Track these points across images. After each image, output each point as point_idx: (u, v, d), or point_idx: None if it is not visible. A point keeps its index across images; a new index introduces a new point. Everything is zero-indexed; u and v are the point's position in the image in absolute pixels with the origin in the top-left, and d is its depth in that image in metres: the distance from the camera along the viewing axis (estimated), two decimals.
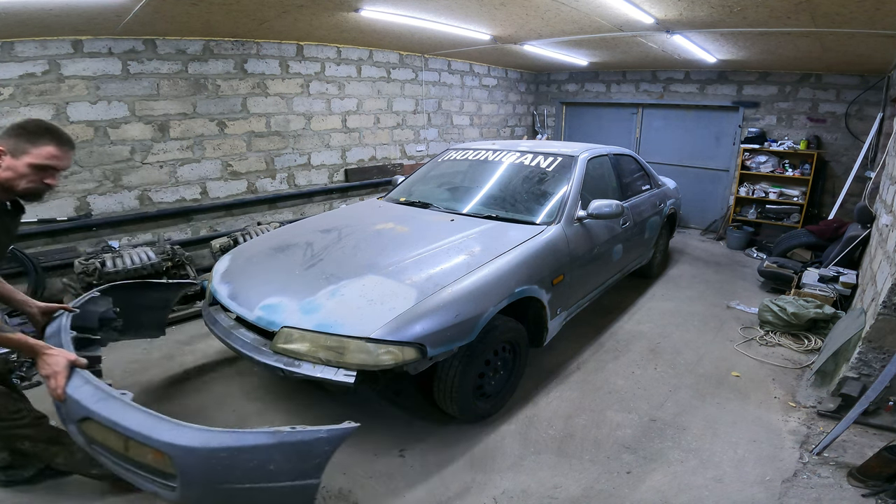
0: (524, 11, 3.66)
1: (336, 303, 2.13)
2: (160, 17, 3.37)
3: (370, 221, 3.06)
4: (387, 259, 2.46)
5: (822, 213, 5.91)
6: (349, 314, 2.05)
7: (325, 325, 2.00)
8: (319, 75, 5.15)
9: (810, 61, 5.13)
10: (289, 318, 2.09)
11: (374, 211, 3.35)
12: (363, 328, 1.95)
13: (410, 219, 3.09)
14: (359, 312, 2.05)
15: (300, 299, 2.19)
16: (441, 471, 2.20)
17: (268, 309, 2.19)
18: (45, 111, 3.56)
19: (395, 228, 2.90)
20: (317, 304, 2.13)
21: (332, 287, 2.23)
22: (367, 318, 2.00)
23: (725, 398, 2.82)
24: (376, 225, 2.98)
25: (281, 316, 2.12)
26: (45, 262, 3.68)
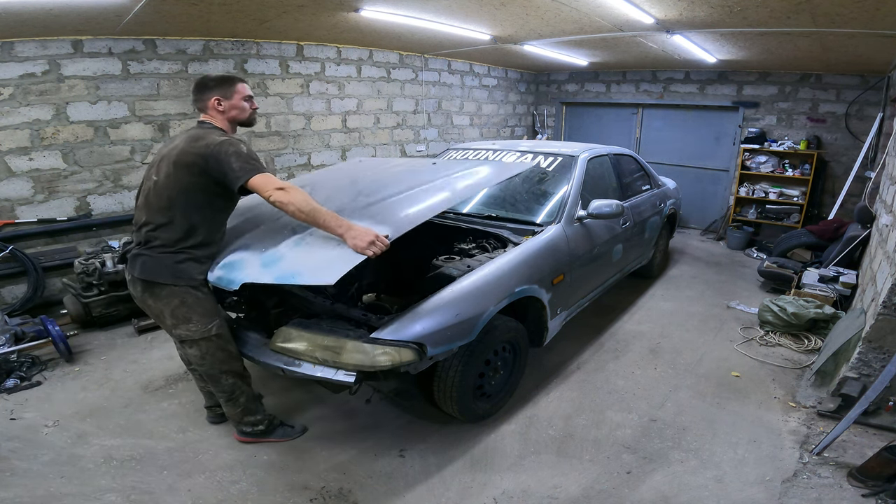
0: (524, 11, 3.66)
1: (299, 252, 1.98)
2: (160, 17, 3.37)
3: (346, 174, 2.93)
4: (361, 202, 2.30)
5: (822, 213, 5.91)
6: (311, 263, 1.90)
7: (284, 277, 1.87)
8: (319, 75, 5.15)
9: (810, 61, 5.13)
10: (248, 273, 1.93)
11: (352, 165, 3.23)
12: (323, 276, 1.79)
13: (389, 167, 2.97)
14: (322, 260, 1.88)
15: (262, 252, 2.04)
16: (441, 471, 2.20)
17: (227, 267, 2.02)
18: (45, 111, 3.56)
19: (372, 175, 2.76)
20: (278, 255, 1.98)
21: (297, 236, 2.07)
22: (330, 265, 1.81)
23: (725, 398, 2.82)
24: (352, 175, 2.84)
25: (241, 273, 1.95)
26: (45, 262, 3.68)
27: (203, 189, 1.93)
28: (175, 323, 2.02)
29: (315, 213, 1.85)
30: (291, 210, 1.82)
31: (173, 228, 1.94)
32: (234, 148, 1.87)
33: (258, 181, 1.84)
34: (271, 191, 1.82)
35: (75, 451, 2.29)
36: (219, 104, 2.01)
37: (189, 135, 1.96)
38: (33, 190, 3.61)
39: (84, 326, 3.52)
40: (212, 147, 1.86)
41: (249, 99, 2.08)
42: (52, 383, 2.88)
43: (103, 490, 2.05)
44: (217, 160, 1.85)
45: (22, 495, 2.00)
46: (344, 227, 1.85)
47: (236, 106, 2.03)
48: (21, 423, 2.50)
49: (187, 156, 1.89)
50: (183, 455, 2.28)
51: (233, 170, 1.84)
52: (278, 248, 2.02)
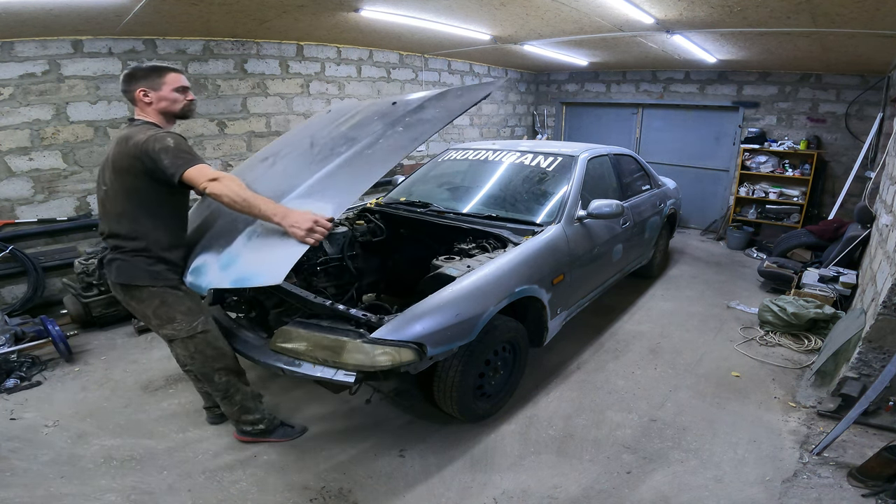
0: (524, 11, 3.66)
1: (251, 248, 1.90)
2: (160, 17, 3.37)
3: (309, 133, 2.72)
4: (313, 172, 2.16)
5: (822, 213, 5.91)
6: (260, 261, 1.83)
7: (240, 280, 1.81)
8: (319, 75, 5.15)
9: (810, 61, 5.13)
10: (211, 278, 1.90)
11: (318, 120, 2.98)
12: (269, 276, 1.73)
13: (348, 117, 2.71)
14: (269, 257, 1.81)
15: (221, 252, 1.96)
16: (441, 471, 2.20)
17: (195, 272, 1.98)
18: (45, 111, 3.56)
19: (329, 132, 2.56)
20: (234, 255, 1.91)
21: (249, 229, 1.96)
22: (275, 262, 1.76)
23: (725, 398, 2.82)
24: (312, 134, 2.65)
25: (206, 278, 1.92)
26: (45, 262, 3.68)
27: (149, 191, 1.86)
28: (160, 323, 2.00)
29: (249, 203, 1.76)
30: (226, 202, 1.77)
31: (136, 235, 1.89)
32: (160, 143, 1.78)
33: (191, 175, 1.77)
34: (205, 183, 1.76)
35: (75, 451, 2.29)
36: (145, 95, 1.90)
37: (120, 136, 1.88)
38: (33, 190, 3.61)
39: (84, 326, 3.52)
40: (140, 146, 1.78)
41: (184, 90, 1.97)
42: (52, 383, 2.88)
43: (103, 490, 2.05)
44: (149, 158, 1.77)
45: (22, 495, 2.00)
46: (279, 213, 1.76)
47: (165, 97, 1.92)
48: (21, 423, 2.50)
49: (122, 159, 1.82)
50: (183, 455, 2.28)
51: (165, 166, 1.77)
52: (234, 245, 1.95)
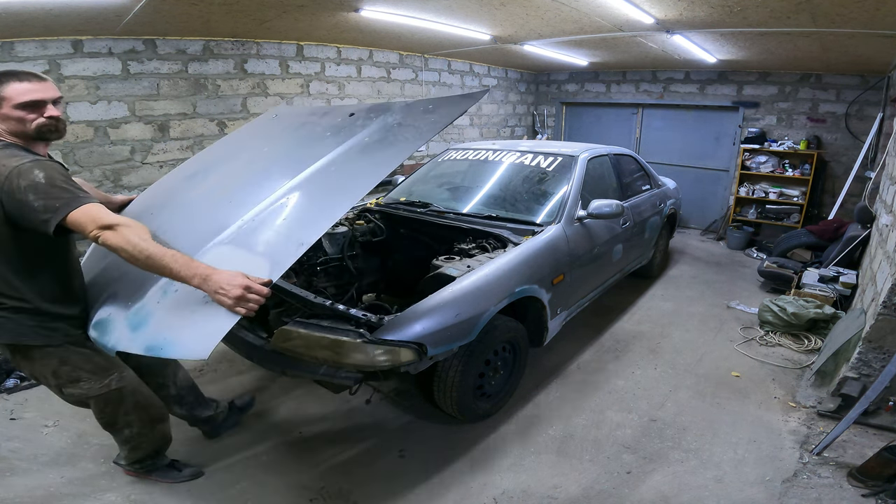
0: (524, 11, 3.66)
1: (167, 308, 1.52)
2: (160, 17, 3.37)
3: (249, 145, 2.38)
4: (245, 206, 1.80)
5: (822, 213, 5.91)
6: (182, 325, 1.46)
7: (154, 348, 1.43)
8: (319, 75, 5.15)
9: (810, 61, 5.13)
10: (118, 337, 1.53)
11: (261, 128, 2.61)
12: (191, 348, 1.40)
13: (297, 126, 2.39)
14: (192, 321, 1.44)
15: (129, 306, 1.59)
16: (441, 471, 2.20)
17: (99, 328, 1.62)
18: None
19: (274, 147, 2.28)
20: (145, 313, 1.54)
21: (163, 282, 1.57)
22: (199, 332, 1.40)
23: (725, 398, 2.82)
24: (253, 148, 2.29)
25: (111, 337, 1.55)
26: None
27: (17, 240, 1.47)
28: (61, 384, 1.68)
29: (155, 261, 1.38)
30: (126, 257, 1.39)
31: (10, 292, 1.52)
32: (25, 179, 1.37)
33: (76, 219, 1.38)
34: (95, 231, 1.38)
35: (75, 451, 2.29)
36: None
37: None
38: None
39: None
40: (3, 187, 1.37)
41: (35, 106, 1.48)
42: None
43: (103, 490, 2.05)
44: (12, 200, 1.37)
45: (22, 495, 2.00)
46: (199, 275, 1.37)
47: (9, 117, 1.46)
48: (21, 423, 2.50)
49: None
50: (183, 455, 2.28)
51: (35, 210, 1.37)
52: (145, 301, 1.56)
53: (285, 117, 2.51)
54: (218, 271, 1.38)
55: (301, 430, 2.49)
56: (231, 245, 1.65)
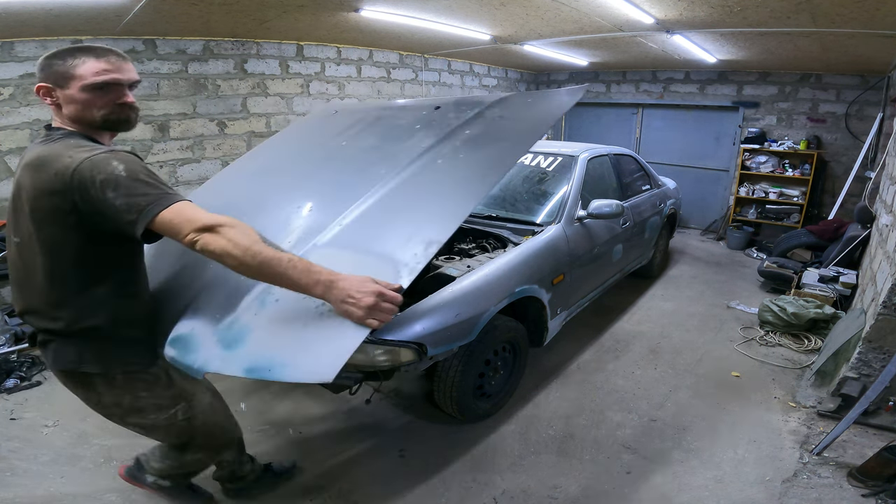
0: (524, 11, 3.66)
1: (270, 320, 1.31)
2: (160, 17, 3.37)
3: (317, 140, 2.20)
4: (344, 204, 1.63)
5: (822, 213, 5.91)
6: (293, 343, 1.24)
7: (258, 370, 1.21)
8: (319, 75, 5.15)
9: (810, 61, 5.13)
10: (208, 357, 1.29)
11: (325, 124, 2.40)
12: (312, 371, 1.19)
13: (372, 122, 2.17)
14: (308, 337, 1.24)
15: (217, 320, 1.36)
16: (441, 471, 2.20)
17: (179, 345, 1.36)
18: (45, 111, 3.55)
19: (352, 142, 2.08)
20: (241, 329, 1.31)
21: (259, 289, 1.37)
22: (321, 350, 1.20)
23: (725, 398, 2.82)
24: (324, 144, 2.12)
25: (197, 355, 1.31)
26: None
27: (90, 245, 1.22)
28: (123, 413, 1.44)
29: (270, 268, 1.13)
30: (232, 264, 1.14)
31: (76, 311, 1.25)
32: (102, 171, 1.12)
33: (167, 221, 1.13)
34: (192, 234, 1.13)
35: (75, 451, 2.29)
36: (47, 95, 1.24)
37: (30, 158, 1.20)
38: None
39: None
40: (67, 178, 1.12)
41: (106, 88, 1.23)
42: (53, 383, 2.88)
43: (103, 490, 2.05)
44: (86, 196, 1.12)
45: (22, 495, 2.00)
46: (323, 283, 1.16)
47: (74, 99, 1.22)
48: (21, 423, 2.50)
49: (41, 198, 1.16)
50: None
51: (116, 210, 1.12)
52: (238, 312, 1.34)
53: (349, 113, 2.31)
54: (343, 277, 1.18)
55: (301, 430, 2.49)
56: (333, 247, 1.46)
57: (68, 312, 1.25)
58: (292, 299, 1.27)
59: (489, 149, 1.76)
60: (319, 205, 1.73)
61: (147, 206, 1.13)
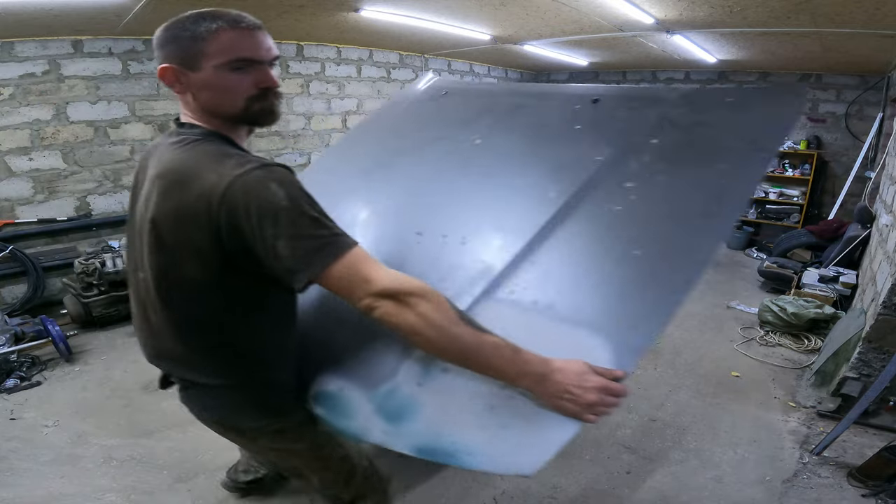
0: (524, 11, 3.66)
1: (440, 394, 1.01)
2: (160, 16, 3.33)
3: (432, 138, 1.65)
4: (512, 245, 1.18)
5: (822, 214, 5.91)
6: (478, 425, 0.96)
7: (438, 453, 0.95)
8: (319, 75, 5.15)
9: (810, 61, 5.12)
10: (369, 430, 1.02)
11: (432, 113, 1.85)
12: (510, 463, 0.93)
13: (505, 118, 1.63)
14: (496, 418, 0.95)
15: (371, 387, 1.07)
16: (441, 471, 2.20)
17: (329, 404, 1.09)
18: (45, 111, 3.56)
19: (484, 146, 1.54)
20: (405, 400, 1.03)
21: (416, 353, 1.06)
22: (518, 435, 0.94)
23: (725, 398, 2.82)
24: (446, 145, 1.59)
25: (351, 422, 1.05)
26: (45, 262, 3.68)
27: (234, 288, 0.96)
28: (276, 459, 1.32)
29: (468, 355, 0.89)
30: (418, 343, 0.90)
31: (214, 363, 1.04)
32: (256, 200, 0.84)
33: (337, 276, 0.87)
34: (368, 298, 0.87)
35: (75, 451, 2.29)
36: (175, 80, 0.98)
37: (166, 167, 0.93)
38: (33, 190, 3.61)
39: (84, 326, 3.52)
40: (214, 204, 0.85)
41: (247, 68, 0.95)
42: (52, 383, 2.88)
43: (103, 490, 2.05)
44: (236, 234, 0.86)
45: (22, 495, 2.00)
46: (534, 375, 0.90)
47: (209, 84, 0.95)
48: (21, 423, 2.50)
49: (178, 226, 0.90)
50: (183, 455, 2.28)
51: (275, 255, 0.86)
52: (398, 379, 1.05)
53: (465, 96, 1.85)
54: (558, 367, 0.90)
55: None
56: (516, 308, 1.06)
57: (212, 363, 1.04)
58: (465, 371, 0.96)
59: (698, 173, 1.21)
60: (476, 235, 1.25)
61: (315, 256, 0.85)
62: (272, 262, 0.87)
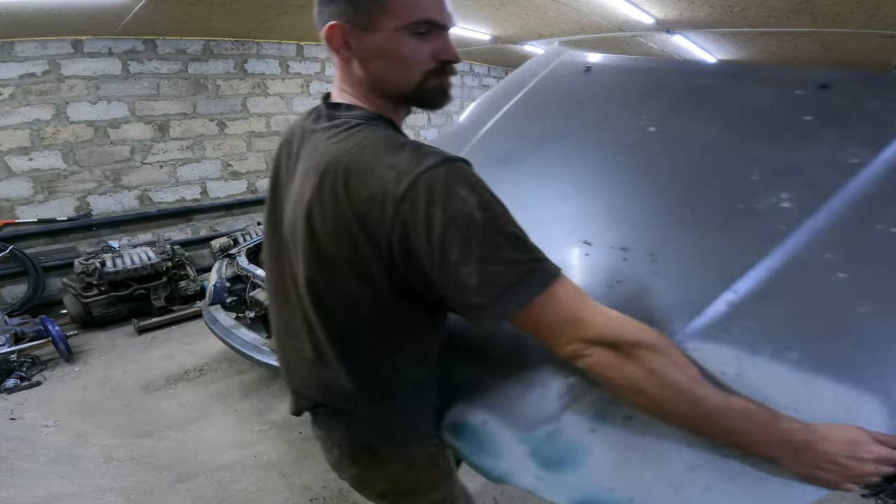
0: (524, 11, 3.66)
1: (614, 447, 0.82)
2: (160, 17, 3.38)
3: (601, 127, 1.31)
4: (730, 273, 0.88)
5: None
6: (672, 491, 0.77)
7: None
8: (319, 75, 5.15)
9: (810, 61, 5.13)
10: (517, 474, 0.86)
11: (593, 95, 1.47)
12: None
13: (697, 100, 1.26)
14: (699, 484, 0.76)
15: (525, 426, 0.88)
16: None
17: (467, 437, 0.93)
18: (45, 111, 3.56)
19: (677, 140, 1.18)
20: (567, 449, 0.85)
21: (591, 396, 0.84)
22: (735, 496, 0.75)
23: None
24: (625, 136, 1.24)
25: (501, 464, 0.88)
26: (45, 262, 3.68)
27: (396, 310, 0.81)
28: (396, 490, 1.09)
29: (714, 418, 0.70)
30: (643, 404, 0.72)
31: (361, 388, 0.90)
32: (445, 210, 0.65)
33: (536, 316, 0.69)
34: (577, 344, 0.69)
35: (75, 451, 2.29)
36: (343, 43, 0.76)
37: (326, 159, 0.74)
38: (33, 190, 3.61)
39: (84, 326, 3.52)
40: (389, 209, 0.67)
41: (432, 30, 0.75)
42: (52, 383, 2.88)
43: (103, 490, 2.05)
44: (409, 249, 0.69)
45: (22, 495, 2.00)
46: (792, 444, 0.70)
47: (384, 51, 0.76)
48: (21, 423, 2.50)
49: (338, 230, 0.73)
50: (183, 455, 2.27)
51: (457, 282, 0.67)
52: (562, 424, 0.86)
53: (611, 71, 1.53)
54: (825, 434, 0.71)
55: (301, 430, 2.49)
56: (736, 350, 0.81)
57: (359, 387, 0.89)
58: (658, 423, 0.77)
59: None
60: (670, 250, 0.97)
61: (512, 288, 0.65)
62: (451, 293, 0.68)
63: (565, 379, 0.86)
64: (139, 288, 3.55)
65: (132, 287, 3.53)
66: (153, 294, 3.64)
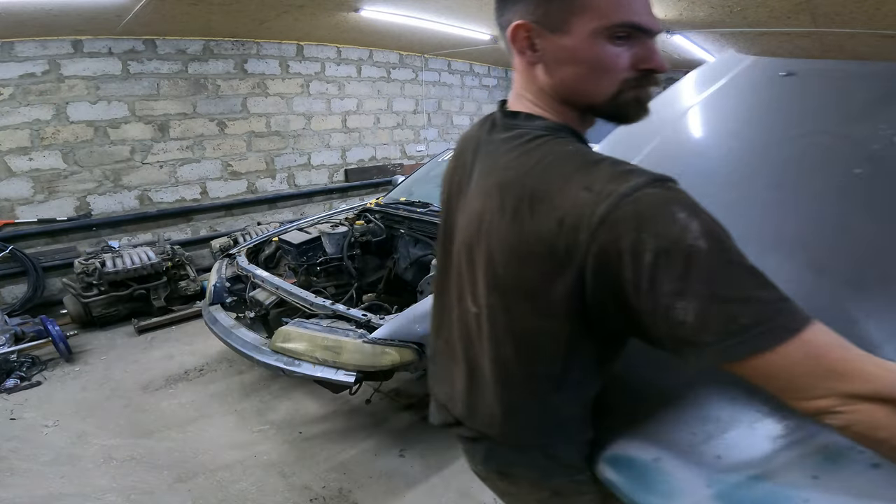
0: None
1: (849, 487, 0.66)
2: (160, 17, 3.38)
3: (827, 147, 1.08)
4: None
5: None
6: None
7: None
8: (319, 75, 5.15)
9: None
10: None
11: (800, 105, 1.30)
12: None
13: None
14: None
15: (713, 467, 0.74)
16: (441, 471, 2.20)
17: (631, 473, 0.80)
18: (45, 111, 3.56)
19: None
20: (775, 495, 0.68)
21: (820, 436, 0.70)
22: None
23: None
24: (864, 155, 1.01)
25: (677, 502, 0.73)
26: (45, 262, 3.68)
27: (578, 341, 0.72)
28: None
29: None
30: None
31: (525, 420, 0.84)
32: (654, 239, 0.54)
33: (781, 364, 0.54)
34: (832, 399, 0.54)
35: (75, 451, 2.29)
36: (528, 45, 0.69)
37: (507, 176, 0.68)
38: (33, 190, 3.61)
39: (84, 326, 3.52)
40: (584, 237, 0.58)
41: (635, 34, 0.66)
42: (52, 383, 2.88)
43: (103, 490, 2.05)
44: (606, 281, 0.59)
45: (22, 495, 2.00)
46: None
47: (577, 56, 0.66)
48: (21, 423, 2.50)
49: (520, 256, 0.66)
50: (183, 455, 2.28)
51: (670, 321, 0.55)
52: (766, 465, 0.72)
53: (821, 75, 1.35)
54: None
55: (301, 430, 2.49)
56: None
57: (508, 418, 0.82)
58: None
59: None
60: None
61: (743, 332, 0.54)
62: (659, 325, 0.57)
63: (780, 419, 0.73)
64: (139, 288, 3.55)
65: (132, 287, 3.53)
66: (153, 294, 3.64)
